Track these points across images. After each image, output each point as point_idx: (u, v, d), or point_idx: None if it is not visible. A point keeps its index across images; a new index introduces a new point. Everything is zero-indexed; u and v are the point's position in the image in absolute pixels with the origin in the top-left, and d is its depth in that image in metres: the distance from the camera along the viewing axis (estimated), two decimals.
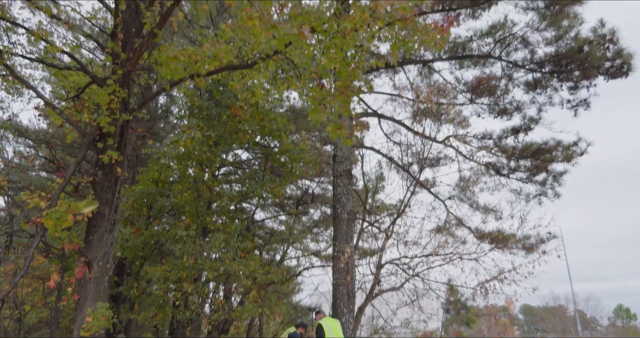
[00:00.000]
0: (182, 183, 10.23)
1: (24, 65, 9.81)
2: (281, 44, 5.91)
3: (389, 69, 13.04)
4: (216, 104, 9.73)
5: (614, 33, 10.07)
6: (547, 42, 11.00)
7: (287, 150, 10.38)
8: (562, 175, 12.44)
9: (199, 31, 10.26)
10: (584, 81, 10.98)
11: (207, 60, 6.62)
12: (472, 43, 11.64)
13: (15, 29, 8.86)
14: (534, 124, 12.11)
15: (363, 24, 5.93)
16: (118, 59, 7.06)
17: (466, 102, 12.60)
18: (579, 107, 11.33)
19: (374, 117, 12.96)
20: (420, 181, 12.82)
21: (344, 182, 10.84)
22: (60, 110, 7.89)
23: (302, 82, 6.76)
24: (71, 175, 7.31)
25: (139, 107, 7.90)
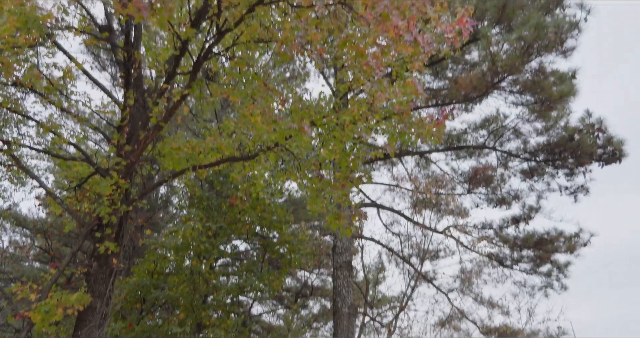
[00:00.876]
0: (179, 275, 9.96)
1: (30, 155, 10.07)
2: (282, 137, 6.10)
3: (387, 160, 13.33)
4: (217, 194, 9.81)
5: (602, 122, 10.44)
6: (538, 132, 11.37)
7: (287, 241, 10.26)
8: (567, 267, 12.17)
9: (202, 124, 10.65)
10: (579, 168, 11.17)
11: (209, 152, 6.78)
12: (466, 135, 12.02)
13: (26, 122, 9.21)
14: (534, 212, 12.11)
15: (361, 117, 6.18)
16: (122, 150, 7.24)
17: (464, 192, 12.71)
18: (578, 192, 11.40)
19: (373, 208, 13.00)
20: (422, 273, 12.53)
21: (344, 274, 10.57)
22: (61, 200, 7.91)
23: (301, 173, 6.87)
24: (65, 266, 7.14)
25: (140, 197, 7.94)
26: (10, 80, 6.63)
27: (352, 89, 6.84)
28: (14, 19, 4.47)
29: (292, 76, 13.07)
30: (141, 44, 7.44)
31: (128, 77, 6.87)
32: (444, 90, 11.41)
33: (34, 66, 7.02)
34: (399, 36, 4.83)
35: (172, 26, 5.57)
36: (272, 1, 5.06)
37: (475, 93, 10.28)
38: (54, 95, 7.10)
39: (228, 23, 5.41)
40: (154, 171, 9.31)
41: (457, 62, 11.27)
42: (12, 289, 6.39)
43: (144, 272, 10.08)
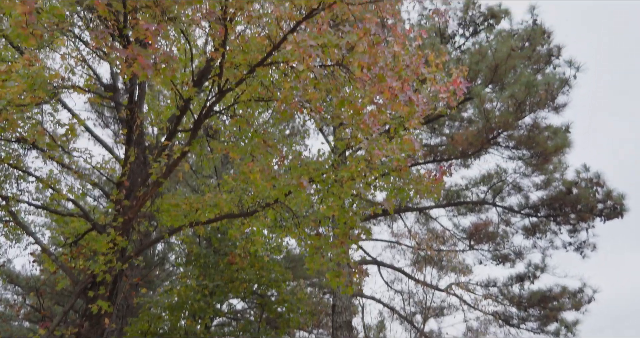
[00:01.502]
0: (173, 335, 9.61)
1: (28, 211, 10.02)
2: (281, 193, 6.11)
3: (386, 217, 13.26)
4: (214, 251, 9.67)
5: (599, 176, 10.47)
6: (537, 186, 11.38)
7: (285, 300, 10.00)
8: (575, 325, 11.77)
9: (202, 181, 10.70)
10: (581, 223, 11.07)
11: (207, 209, 6.76)
12: (466, 191, 12.03)
13: (26, 177, 9.25)
14: (539, 271, 11.88)
15: (359, 174, 6.22)
16: (121, 206, 7.22)
17: (466, 248, 12.54)
18: (584, 248, 11.23)
19: (374, 265, 12.77)
20: (425, 333, 12.10)
21: (344, 334, 10.21)
22: (56, 257, 7.79)
23: (300, 230, 6.82)
24: (55, 326, 6.91)
25: (136, 254, 7.82)
26: (13, 137, 6.74)
27: (351, 146, 6.93)
28: (22, 82, 4.61)
29: (292, 133, 13.29)
30: (144, 102, 7.63)
31: (130, 134, 6.98)
32: (442, 146, 11.56)
33: (38, 123, 7.16)
34: (394, 96, 4.96)
35: (175, 85, 5.73)
36: (272, 62, 5.24)
37: (472, 149, 10.41)
38: (56, 151, 7.18)
39: (229, 83, 5.57)
40: (152, 227, 9.23)
41: (453, 119, 11.50)
42: None
43: (137, 333, 9.74)
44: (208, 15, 4.86)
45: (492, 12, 10.62)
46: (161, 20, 5.12)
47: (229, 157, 9.89)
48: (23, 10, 3.35)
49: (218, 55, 5.26)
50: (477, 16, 10.71)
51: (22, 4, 3.28)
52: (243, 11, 5.05)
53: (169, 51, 6.22)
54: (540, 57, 9.98)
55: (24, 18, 3.34)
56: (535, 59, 10.01)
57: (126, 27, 5.06)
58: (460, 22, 10.87)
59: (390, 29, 5.50)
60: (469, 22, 10.80)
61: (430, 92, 6.01)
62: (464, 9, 10.75)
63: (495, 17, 10.63)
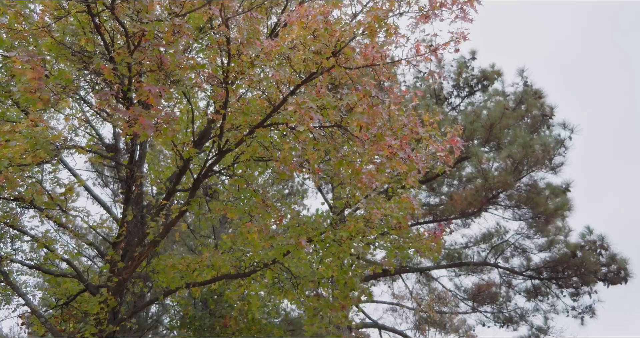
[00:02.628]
0: None
1: (20, 271, 9.81)
2: (279, 253, 6.03)
3: (387, 277, 12.99)
4: (210, 313, 9.38)
5: (603, 239, 10.37)
6: (540, 248, 11.25)
7: None
8: None
9: (200, 241, 10.58)
10: (584, 287, 10.83)
11: (205, 269, 6.64)
12: (467, 249, 11.88)
13: (21, 237, 9.15)
14: (542, 334, 11.48)
15: (358, 233, 6.17)
16: (116, 267, 7.09)
17: (468, 310, 12.19)
18: (585, 314, 10.92)
19: (375, 328, 12.35)
20: None
21: None
22: (46, 319, 7.53)
23: (299, 291, 6.66)
24: None
25: (129, 316, 7.58)
26: (12, 195, 6.73)
27: (349, 205, 6.93)
28: (24, 142, 4.67)
29: (291, 192, 13.32)
30: (145, 161, 7.71)
31: (129, 193, 6.99)
32: (441, 206, 11.55)
33: (38, 182, 7.18)
34: (394, 154, 5.03)
35: (175, 146, 5.81)
36: (272, 124, 5.36)
37: (471, 208, 10.40)
38: (53, 210, 7.15)
39: (229, 143, 5.66)
40: (147, 288, 9.01)
41: (452, 178, 11.57)
42: None
43: None
44: (210, 79, 5.02)
45: (485, 74, 11.00)
46: (164, 83, 5.29)
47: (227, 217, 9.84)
48: (32, 76, 3.47)
49: (219, 117, 5.38)
50: (470, 78, 11.08)
51: (32, 71, 3.40)
52: (244, 75, 5.23)
53: (171, 112, 6.37)
54: (535, 118, 10.22)
55: (34, 84, 3.45)
56: (530, 120, 10.24)
57: (130, 90, 5.22)
58: (455, 84, 11.23)
59: (387, 91, 5.68)
60: (463, 84, 11.16)
61: (427, 151, 6.10)
62: (458, 72, 11.14)
63: (488, 79, 10.99)
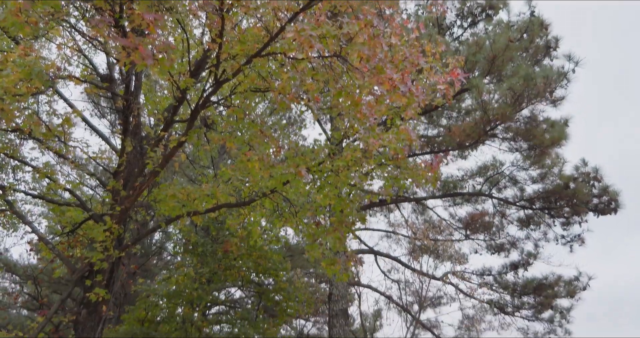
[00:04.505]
0: (170, 323, 9.69)
1: (24, 200, 10.02)
2: (278, 182, 6.13)
3: (383, 207, 13.32)
4: (212, 240, 9.71)
5: (597, 171, 10.54)
6: (534, 180, 11.45)
7: (282, 288, 10.07)
8: (569, 312, 11.93)
9: (199, 171, 10.69)
10: (575, 217, 11.15)
11: (205, 199, 6.78)
12: (463, 182, 12.09)
13: (22, 167, 9.24)
14: (532, 258, 11.99)
15: (356, 163, 6.24)
16: (118, 196, 7.23)
17: (462, 238, 12.64)
18: (574, 242, 11.34)
19: (371, 254, 12.86)
20: (421, 321, 12.23)
21: (341, 322, 10.31)
22: (53, 245, 7.82)
23: (298, 219, 6.85)
24: (53, 313, 6.96)
25: (133, 243, 7.86)
26: (10, 127, 6.71)
27: (348, 136, 6.94)
28: (18, 71, 4.58)
29: (289, 123, 13.27)
30: (141, 92, 7.60)
31: (126, 124, 6.97)
32: (439, 137, 11.58)
33: (34, 113, 7.13)
34: (394, 87, 4.96)
35: (172, 76, 5.71)
36: (269, 53, 5.23)
37: (469, 140, 10.43)
38: (52, 141, 7.17)
39: (226, 73, 5.56)
40: (149, 217, 9.26)
41: (451, 110, 11.50)
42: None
43: (135, 320, 9.82)
44: (205, 5, 4.83)
45: (490, 3, 10.57)
46: (158, 10, 5.09)
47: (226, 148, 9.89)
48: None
49: (215, 46, 5.24)
50: (475, 7, 10.67)
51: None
52: (240, 2, 5.02)
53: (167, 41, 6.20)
54: (538, 49, 9.95)
55: (19, 5, 3.32)
56: (533, 51, 9.99)
57: (122, 18, 5.03)
58: (458, 13, 10.82)
59: (387, 20, 5.49)
60: (467, 13, 10.75)
61: (427, 83, 6.01)
62: (462, 0, 10.70)
63: (494, 8, 10.58)
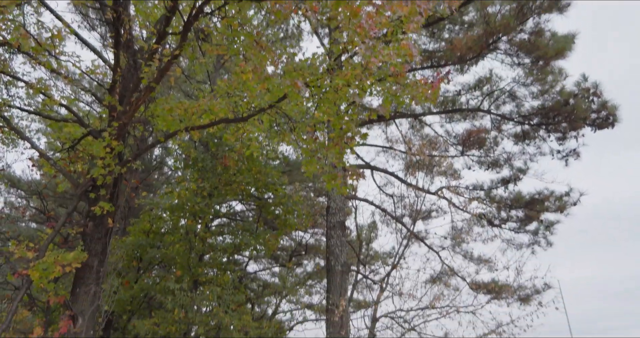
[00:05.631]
0: (174, 234, 10.12)
1: (21, 117, 9.97)
2: (276, 96, 6.07)
3: (381, 122, 13.32)
4: (211, 156, 9.83)
5: (597, 86, 10.44)
6: (533, 96, 11.36)
7: (282, 202, 10.37)
8: (553, 225, 12.47)
9: (196, 86, 10.52)
10: (572, 132, 11.23)
11: (202, 114, 6.75)
12: (461, 97, 11.98)
13: (15, 83, 9.07)
14: (522, 174, 12.26)
15: (355, 79, 6.13)
16: (115, 111, 7.18)
17: (457, 154, 12.80)
18: (569, 157, 11.51)
19: (367, 169, 13.09)
20: (414, 232, 12.78)
21: (338, 233, 10.78)
22: (54, 161, 7.91)
23: (296, 134, 6.88)
24: (61, 226, 7.23)
25: (134, 158, 7.95)
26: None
27: (347, 50, 6.75)
28: None
29: (286, 36, 12.82)
30: (130, 2, 7.25)
31: (118, 37, 6.72)
32: (440, 52, 11.28)
33: (21, 25, 6.85)
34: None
35: None
36: None
37: (470, 54, 10.19)
38: (43, 56, 6.96)
39: None
40: (147, 132, 9.27)
41: (454, 23, 11.09)
42: (9, 248, 6.50)
43: (140, 232, 10.23)
44: None
45: None
46: None
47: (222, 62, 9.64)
48: None
49: None
50: None
51: None
52: None
53: None
54: None
55: None
56: None
57: None
58: None
59: None
60: None
61: None
62: None
63: None
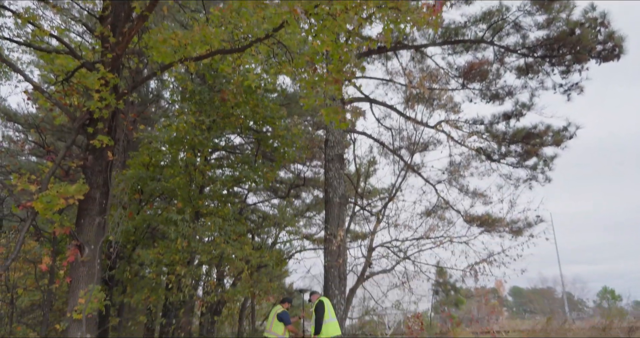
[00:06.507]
0: (174, 167, 10.21)
1: (11, 49, 9.69)
2: (273, 24, 5.87)
3: (381, 54, 13.00)
4: (209, 88, 9.68)
5: (605, 16, 10.09)
6: (539, 26, 11.00)
7: (280, 135, 10.37)
8: (552, 160, 12.58)
9: (190, 15, 10.13)
10: (576, 65, 11.01)
11: (197, 44, 6.56)
12: (465, 29, 11.61)
13: (2, 12, 8.72)
14: (525, 109, 12.17)
15: (354, 5, 5.90)
16: (107, 42, 6.98)
17: (458, 87, 12.62)
18: (572, 91, 11.37)
19: (366, 102, 12.97)
20: (411, 165, 12.90)
21: (336, 166, 10.88)
22: (49, 94, 7.81)
23: (294, 65, 6.74)
24: (61, 159, 7.28)
25: (130, 91, 7.85)
26: None
27: None
28: None
29: None
30: None
31: None
32: None
33: None
34: None
35: None
36: None
37: None
38: None
39: None
40: (142, 64, 9.06)
41: None
42: (11, 181, 6.59)
43: (140, 165, 10.32)
44: None
45: None
46: None
47: None
48: None
49: None
50: None
51: None
52: None
53: None
54: None
55: None
56: None
57: None
58: None
59: None
60: None
61: None
62: None
63: None
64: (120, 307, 10.67)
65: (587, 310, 55.39)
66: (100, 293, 6.78)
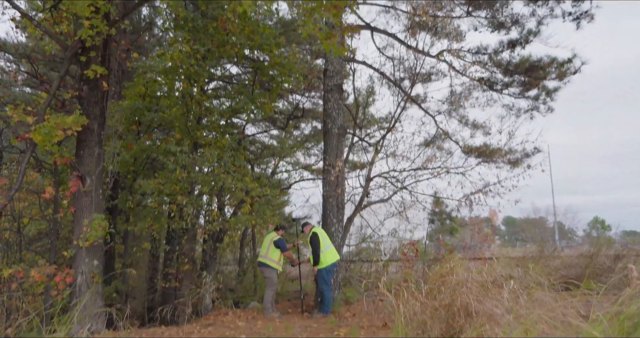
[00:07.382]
0: (170, 98, 10.08)
1: None
2: None
3: None
4: (202, 15, 9.30)
5: None
6: None
7: (277, 63, 10.12)
8: (555, 91, 12.41)
9: None
10: None
11: None
12: None
13: None
14: (532, 36, 11.77)
15: None
16: None
17: (463, 14, 12.14)
18: (582, 19, 10.95)
19: (367, 30, 12.52)
20: (411, 96, 12.73)
21: (335, 96, 10.74)
22: (38, 22, 7.52)
23: None
24: (55, 89, 7.17)
25: (121, 18, 7.57)
26: None
27: None
28: None
29: None
30: None
31: None
32: None
33: None
34: None
35: None
36: None
37: None
38: None
39: None
40: None
41: None
42: (7, 112, 6.53)
43: (136, 95, 10.18)
44: None
45: None
46: None
47: None
48: None
49: None
50: None
51: None
52: None
53: None
54: None
55: None
56: None
57: None
58: None
59: None
60: None
61: None
62: None
63: None
64: (124, 235, 11.02)
65: (577, 239, 57.40)
66: (104, 222, 6.97)
